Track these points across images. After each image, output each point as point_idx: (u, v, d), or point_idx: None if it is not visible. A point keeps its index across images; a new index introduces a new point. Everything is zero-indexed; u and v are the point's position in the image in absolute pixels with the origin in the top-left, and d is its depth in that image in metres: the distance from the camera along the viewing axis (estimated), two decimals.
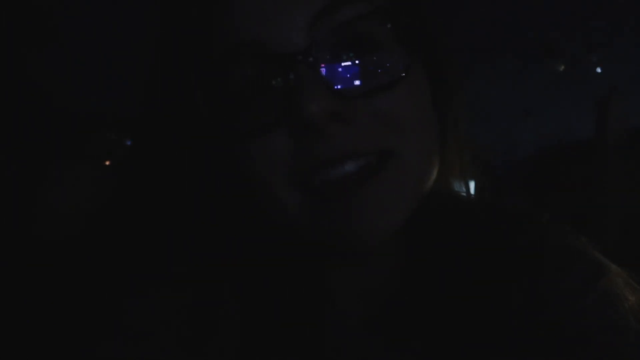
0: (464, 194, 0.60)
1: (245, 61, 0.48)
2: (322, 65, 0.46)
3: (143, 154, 0.59)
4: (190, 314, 0.54)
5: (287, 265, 0.56)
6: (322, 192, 0.47)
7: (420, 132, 0.50)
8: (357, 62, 0.49)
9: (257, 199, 0.51)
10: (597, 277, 0.54)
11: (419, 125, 0.50)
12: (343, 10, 0.48)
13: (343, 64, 0.49)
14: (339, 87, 0.46)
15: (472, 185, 0.61)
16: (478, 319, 0.52)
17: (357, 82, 0.47)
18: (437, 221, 0.57)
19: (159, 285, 0.54)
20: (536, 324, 0.52)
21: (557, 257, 0.56)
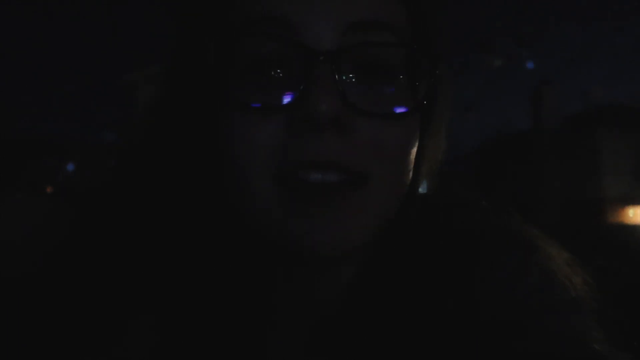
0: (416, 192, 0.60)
1: (270, 35, 0.46)
2: (343, 72, 0.45)
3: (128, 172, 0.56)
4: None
5: (231, 287, 0.54)
6: (297, 190, 0.46)
7: (402, 164, 0.49)
8: (371, 83, 0.47)
9: (233, 190, 0.50)
10: (530, 257, 0.54)
11: (403, 159, 0.49)
12: (376, 31, 0.47)
13: (359, 80, 0.47)
14: (350, 98, 0.45)
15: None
16: (419, 334, 0.52)
17: (366, 101, 0.45)
18: (395, 230, 0.57)
19: (128, 310, 0.52)
20: (476, 322, 0.52)
21: (490, 246, 0.56)
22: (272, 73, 0.46)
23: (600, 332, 0.48)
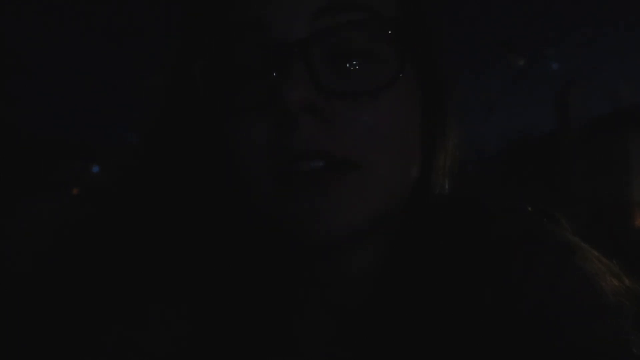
0: (440, 191, 0.59)
1: (246, 40, 0.47)
2: (314, 59, 0.45)
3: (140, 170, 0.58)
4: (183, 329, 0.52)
5: (258, 277, 0.54)
6: (290, 181, 0.46)
7: (396, 146, 0.48)
8: (349, 65, 0.47)
9: (237, 190, 0.51)
10: (568, 259, 0.53)
11: (396, 140, 0.48)
12: (346, 12, 0.47)
13: (336, 64, 0.46)
14: (325, 84, 0.44)
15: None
16: (452, 328, 0.51)
17: (344, 84, 0.45)
18: (416, 224, 0.56)
19: (152, 300, 0.53)
20: (512, 318, 0.51)
21: (528, 247, 0.55)
22: (258, 74, 0.46)
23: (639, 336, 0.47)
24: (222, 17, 0.49)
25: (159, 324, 0.51)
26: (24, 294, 0.52)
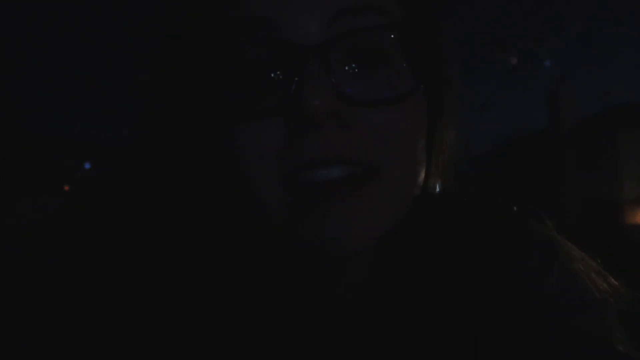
0: (431, 190, 0.59)
1: (255, 41, 0.45)
2: (334, 64, 0.44)
3: (132, 169, 0.55)
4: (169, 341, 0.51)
5: (250, 283, 0.53)
6: (305, 192, 0.44)
7: (412, 152, 0.47)
8: (367, 70, 0.45)
9: (239, 196, 0.48)
10: (552, 257, 0.53)
11: (412, 146, 0.47)
12: (364, 15, 0.45)
13: (354, 69, 0.45)
14: (345, 89, 0.44)
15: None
16: (440, 331, 0.51)
17: (363, 90, 0.44)
18: (410, 228, 0.55)
19: (138, 310, 0.51)
20: (499, 320, 0.52)
21: (513, 247, 0.55)
22: (266, 77, 0.45)
23: (624, 334, 0.47)
24: (222, 15, 0.47)
25: (144, 328, 0.49)
26: (12, 293, 0.51)
